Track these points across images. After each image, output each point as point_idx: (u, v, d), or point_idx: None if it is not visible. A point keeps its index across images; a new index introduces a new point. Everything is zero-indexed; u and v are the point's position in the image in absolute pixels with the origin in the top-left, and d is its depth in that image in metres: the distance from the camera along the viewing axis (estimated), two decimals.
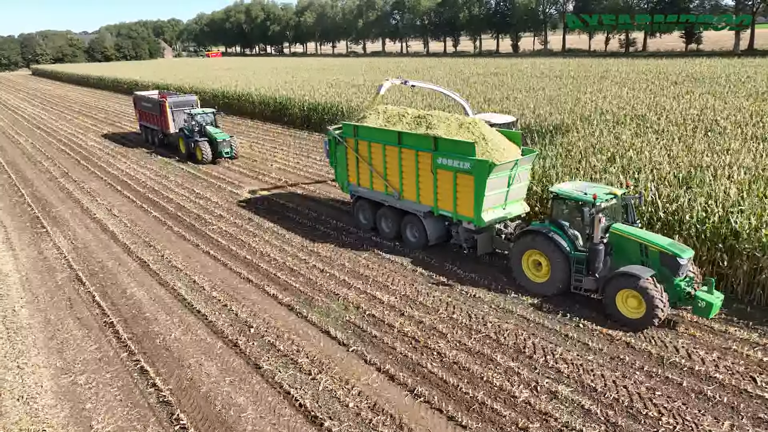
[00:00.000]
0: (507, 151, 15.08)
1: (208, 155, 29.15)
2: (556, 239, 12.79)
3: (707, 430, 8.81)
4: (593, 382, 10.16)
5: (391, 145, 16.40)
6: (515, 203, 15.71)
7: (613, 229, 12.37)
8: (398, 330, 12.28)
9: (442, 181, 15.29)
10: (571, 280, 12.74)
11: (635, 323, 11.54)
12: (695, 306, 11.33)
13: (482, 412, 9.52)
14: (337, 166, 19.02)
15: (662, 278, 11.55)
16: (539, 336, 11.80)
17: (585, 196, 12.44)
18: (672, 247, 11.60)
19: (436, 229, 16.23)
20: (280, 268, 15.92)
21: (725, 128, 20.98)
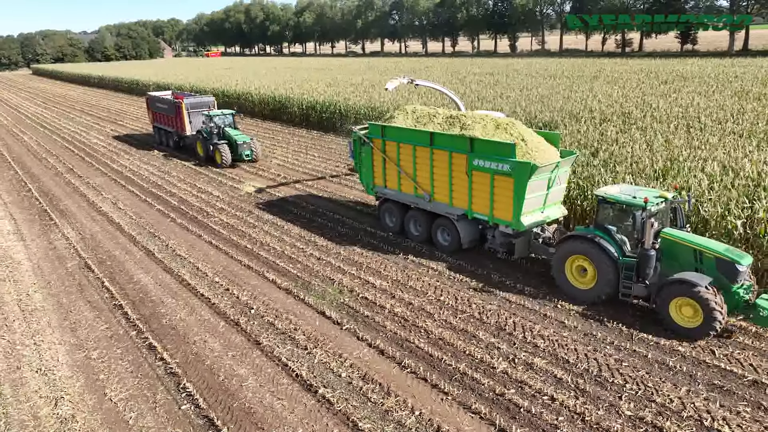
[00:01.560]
0: (547, 153, 14.62)
1: (227, 158, 28.21)
2: (603, 244, 12.28)
3: (666, 395, 9.70)
4: (566, 355, 11.05)
5: (422, 145, 15.94)
6: (554, 206, 15.27)
7: (664, 234, 11.86)
8: (389, 311, 13.17)
9: (477, 184, 14.85)
10: (620, 287, 12.22)
11: (690, 332, 11.05)
12: (756, 314, 10.84)
13: (463, 380, 10.42)
14: (361, 167, 18.67)
15: (720, 286, 11.04)
16: (519, 315, 12.69)
17: (635, 200, 11.90)
18: (729, 253, 11.06)
19: (470, 232, 15.80)
20: (278, 256, 16.80)
21: (705, 125, 21.87)
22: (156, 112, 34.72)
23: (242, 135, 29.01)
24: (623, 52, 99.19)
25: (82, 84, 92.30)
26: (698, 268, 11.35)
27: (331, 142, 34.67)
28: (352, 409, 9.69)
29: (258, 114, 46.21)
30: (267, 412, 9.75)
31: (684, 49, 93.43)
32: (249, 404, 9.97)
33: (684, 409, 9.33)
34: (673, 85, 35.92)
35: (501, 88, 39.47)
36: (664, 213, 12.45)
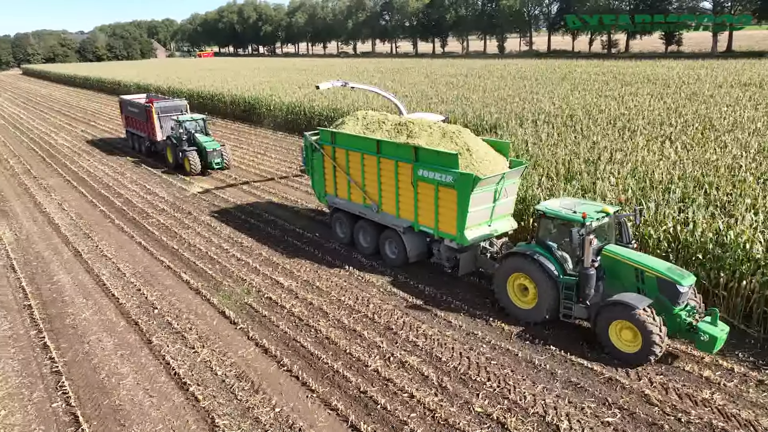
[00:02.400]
0: (493, 163, 13.92)
1: (196, 166, 26.83)
2: (542, 262, 11.57)
3: (521, 392, 10.00)
4: (442, 353, 11.35)
5: (370, 154, 15.22)
6: (502, 219, 14.52)
7: (606, 251, 11.16)
8: (288, 311, 13.46)
9: (423, 195, 14.14)
10: (560, 308, 11.58)
11: (630, 358, 10.38)
12: (697, 339, 10.13)
13: (333, 378, 10.71)
14: (313, 174, 18.01)
15: (661, 307, 10.45)
16: (411, 315, 12.99)
17: (574, 215, 11.17)
18: (671, 273, 10.40)
19: (417, 245, 14.97)
20: (200, 257, 17.09)
21: (637, 127, 22.18)
22: (128, 116, 33.53)
23: (213, 141, 27.57)
24: (609, 53, 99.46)
25: (68, 84, 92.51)
26: (640, 289, 10.71)
27: (293, 143, 34.95)
28: (216, 406, 9.98)
29: (230, 115, 46.51)
30: (134, 409, 10.04)
31: (669, 50, 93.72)
32: (119, 402, 10.26)
33: (534, 405, 9.63)
34: (635, 87, 36.24)
35: (466, 89, 39.77)
36: (609, 228, 11.73)
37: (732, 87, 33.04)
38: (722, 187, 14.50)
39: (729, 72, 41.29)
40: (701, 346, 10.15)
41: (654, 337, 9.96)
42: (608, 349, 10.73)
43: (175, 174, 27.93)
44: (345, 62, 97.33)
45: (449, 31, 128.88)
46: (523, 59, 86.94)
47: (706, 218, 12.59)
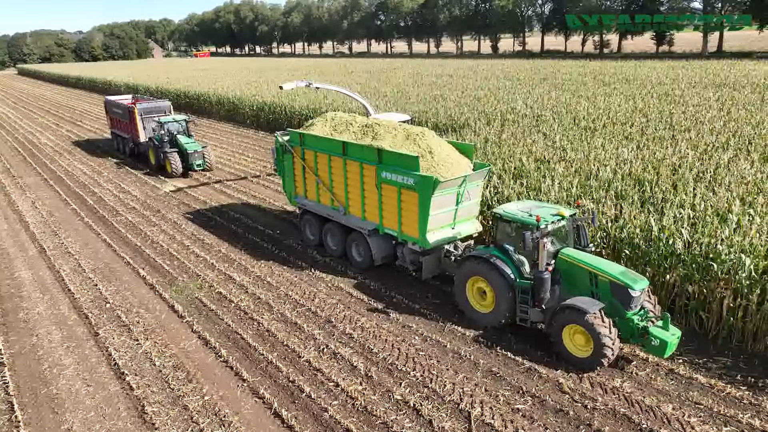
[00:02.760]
0: (455, 166, 13.78)
1: (177, 168, 26.66)
2: (499, 266, 11.51)
3: (442, 381, 10.40)
4: (375, 345, 11.75)
5: (337, 155, 15.22)
6: (466, 222, 14.42)
7: (562, 255, 11.13)
8: (235, 305, 13.86)
9: (386, 197, 14.12)
10: (517, 312, 11.53)
11: (583, 363, 10.33)
12: (648, 344, 10.11)
13: (266, 369, 11.12)
14: (284, 175, 17.95)
15: (614, 311, 10.42)
16: (353, 309, 13.40)
17: (528, 218, 11.12)
18: (623, 277, 10.33)
19: (382, 248, 14.94)
20: (161, 254, 17.48)
21: (602, 126, 22.57)
22: (113, 117, 33.36)
23: (194, 143, 27.43)
24: (601, 53, 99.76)
25: (61, 84, 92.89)
26: (594, 293, 10.69)
27: (272, 143, 35.28)
28: (149, 395, 10.39)
29: (215, 115, 46.90)
30: (70, 397, 10.45)
31: (661, 51, 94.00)
32: (57, 391, 10.66)
33: (452, 393, 10.04)
34: (611, 87, 36.64)
35: (445, 89, 40.13)
36: (567, 232, 11.68)
37: (705, 87, 33.44)
38: (661, 184, 14.88)
39: (707, 73, 41.70)
40: (652, 351, 10.14)
41: (605, 341, 9.86)
42: (562, 353, 10.65)
43: (155, 174, 28.29)
44: (336, 62, 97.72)
45: (443, 31, 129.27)
46: (515, 59, 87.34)
47: (635, 214, 12.97)
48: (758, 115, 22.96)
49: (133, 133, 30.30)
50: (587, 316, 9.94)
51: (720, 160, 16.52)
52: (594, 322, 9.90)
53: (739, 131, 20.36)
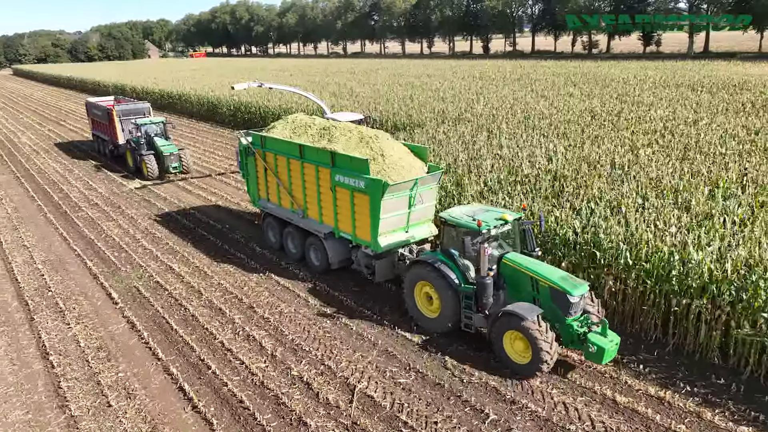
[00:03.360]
0: (407, 169, 13.71)
1: (153, 171, 26.46)
2: (443, 271, 11.44)
3: (337, 358, 11.26)
4: (287, 328, 12.61)
5: (294, 158, 15.21)
6: (420, 225, 14.31)
7: (505, 260, 11.08)
8: (168, 293, 14.72)
9: (341, 201, 14.08)
10: (462, 317, 11.47)
11: (523, 369, 10.28)
12: (586, 350, 10.04)
13: (181, 349, 11.97)
14: (248, 178, 17.83)
15: (554, 317, 10.42)
16: (278, 296, 14.26)
17: (470, 223, 11.03)
18: (563, 283, 10.28)
19: (339, 251, 14.88)
20: (111, 246, 18.34)
21: (547, 125, 23.41)
22: (93, 119, 33.07)
23: (171, 145, 27.15)
24: (589, 53, 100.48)
25: (53, 84, 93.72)
26: (535, 298, 10.69)
27: (235, 141, 36.14)
28: (67, 372, 11.25)
29: (196, 114, 47.77)
30: None
31: (648, 51, 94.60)
32: None
33: (344, 370, 10.89)
34: (578, 87, 37.45)
35: (415, 90, 40.91)
36: (513, 236, 11.72)
37: (664, 87, 34.25)
38: (578, 180, 15.70)
39: (676, 73, 42.49)
40: (590, 357, 10.03)
41: (542, 347, 9.81)
42: (503, 359, 10.60)
43: (119, 172, 29.12)
44: (323, 62, 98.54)
45: (435, 32, 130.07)
46: (504, 60, 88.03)
47: (544, 207, 13.82)
48: (699, 115, 23.78)
49: (112, 135, 30.20)
50: (525, 322, 9.92)
51: (640, 157, 17.34)
52: (531, 328, 9.85)
53: (671, 129, 21.18)
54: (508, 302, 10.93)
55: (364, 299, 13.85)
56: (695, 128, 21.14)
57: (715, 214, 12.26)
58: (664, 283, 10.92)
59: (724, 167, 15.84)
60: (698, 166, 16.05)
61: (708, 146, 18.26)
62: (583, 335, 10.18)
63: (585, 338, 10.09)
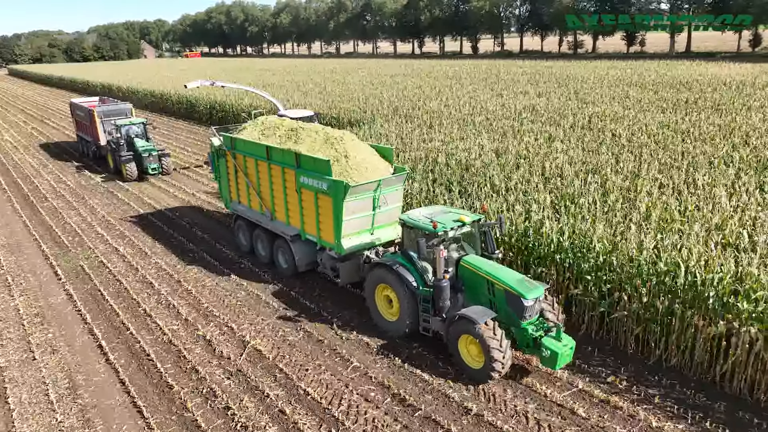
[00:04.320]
0: (371, 170, 13.60)
1: (133, 172, 26.39)
2: (401, 273, 11.32)
3: (243, 321, 12.82)
4: (205, 298, 14.18)
5: (262, 159, 15.14)
6: (387, 227, 14.08)
7: (463, 262, 10.95)
8: (109, 270, 16.30)
9: (306, 202, 14.01)
10: (420, 321, 11.38)
11: (477, 374, 10.14)
12: (540, 355, 9.91)
13: (108, 315, 13.56)
14: (220, 179, 17.87)
15: (509, 321, 10.29)
16: (204, 272, 15.82)
17: (426, 225, 10.91)
18: (518, 286, 10.04)
19: (306, 254, 14.78)
20: (67, 232, 19.92)
21: (481, 122, 24.98)
22: (77, 120, 33.02)
23: (150, 146, 27.07)
24: (575, 53, 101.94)
25: (46, 84, 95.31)
26: (492, 302, 10.55)
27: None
28: (3, 333, 12.81)
29: (175, 113, 49.38)
30: None
31: (632, 51, 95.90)
32: None
33: (243, 330, 12.45)
34: (540, 86, 39.02)
35: (385, 88, 42.51)
36: (473, 238, 11.62)
37: (616, 86, 35.81)
38: (488, 171, 17.23)
39: (636, 73, 44.03)
40: (544, 362, 9.92)
41: (494, 353, 9.63)
42: (459, 364, 10.53)
43: (91, 165, 30.70)
44: (311, 62, 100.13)
45: (425, 32, 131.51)
46: (493, 60, 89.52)
47: (442, 192, 15.41)
48: (628, 111, 25.35)
49: (94, 136, 30.16)
50: (477, 326, 9.77)
51: (554, 151, 18.91)
52: (483, 332, 9.70)
53: (595, 124, 22.75)
54: (467, 305, 10.82)
55: (292, 282, 15.41)
56: (615, 123, 22.69)
57: (577, 195, 13.84)
58: (523, 253, 12.53)
59: (617, 156, 17.40)
60: (598, 156, 17.60)
61: (617, 138, 19.81)
62: (538, 339, 9.99)
63: (539, 342, 9.90)
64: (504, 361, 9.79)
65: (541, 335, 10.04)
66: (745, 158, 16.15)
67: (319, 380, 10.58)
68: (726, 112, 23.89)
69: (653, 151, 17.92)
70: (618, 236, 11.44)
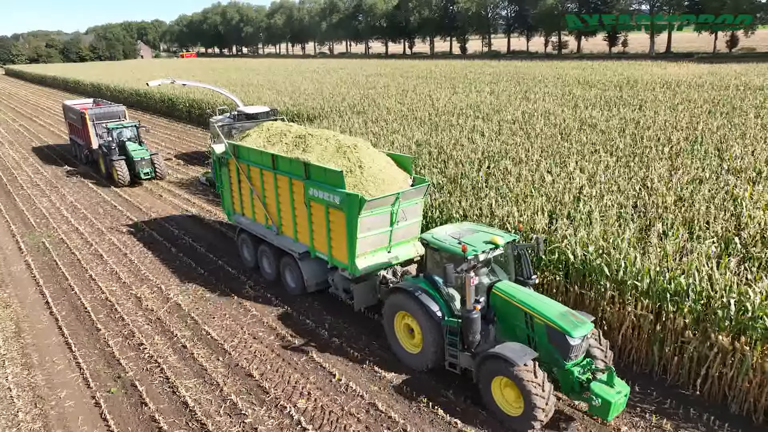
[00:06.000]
0: (389, 182, 12.41)
1: (124, 177, 25.46)
2: (423, 301, 9.98)
3: (171, 280, 14.99)
4: (145, 267, 16.33)
5: (267, 169, 13.91)
6: (405, 244, 12.92)
7: (495, 290, 9.56)
8: (66, 245, 18.48)
9: (315, 217, 12.75)
10: (446, 355, 9.98)
11: (515, 423, 8.83)
12: (590, 403, 8.62)
13: (59, 280, 15.75)
14: (222, 190, 16.62)
15: (551, 361, 8.95)
16: (148, 246, 17.99)
17: (454, 247, 9.51)
18: (562, 321, 8.72)
19: (316, 273, 13.54)
20: (36, 215, 22.12)
21: (423, 117, 27.17)
22: (70, 123, 32.31)
23: (143, 150, 26.34)
24: (559, 54, 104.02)
25: (39, 83, 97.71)
26: (530, 337, 9.16)
27: (188, 134, 39.95)
28: None
29: (158, 111, 51.60)
30: None
31: (615, 51, 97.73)
32: None
33: (167, 287, 14.61)
34: (497, 84, 41.21)
35: (356, 87, 44.69)
36: (506, 261, 10.32)
37: (566, 85, 38.00)
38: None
39: (596, 72, 46.19)
40: (594, 411, 8.67)
41: (535, 399, 8.32)
42: (492, 408, 9.19)
43: (69, 161, 32.89)
44: (297, 62, 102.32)
45: (415, 32, 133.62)
46: (480, 60, 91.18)
47: None
48: (561, 108, 27.52)
49: (86, 140, 29.36)
50: (516, 368, 8.42)
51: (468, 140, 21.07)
52: (523, 376, 8.37)
53: (525, 120, 24.93)
54: (499, 339, 9.55)
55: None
56: (544, 119, 24.86)
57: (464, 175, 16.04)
58: None
59: (523, 145, 19.57)
60: (506, 145, 19.76)
61: (539, 132, 21.95)
62: (586, 383, 8.72)
63: (587, 388, 8.63)
64: (547, 409, 8.47)
65: (589, 378, 8.77)
66: (621, 147, 18.31)
67: (222, 325, 12.78)
68: (645, 109, 26.05)
69: (550, 140, 20.08)
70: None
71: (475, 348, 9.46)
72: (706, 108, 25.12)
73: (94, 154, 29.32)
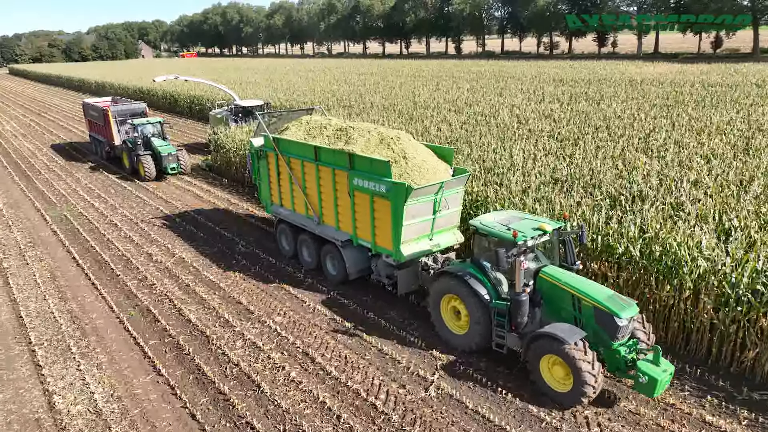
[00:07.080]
0: (432, 172, 12.98)
1: (151, 172, 26.27)
2: (472, 285, 10.54)
3: (184, 247, 17.89)
4: (167, 239, 19.24)
5: (309, 161, 14.38)
6: (446, 232, 13.52)
7: (543, 274, 10.12)
8: (85, 217, 21.40)
9: (359, 206, 13.27)
10: (492, 336, 10.55)
11: (563, 398, 9.35)
12: (636, 381, 9.07)
13: (84, 244, 18.64)
14: (260, 183, 17.21)
15: (598, 341, 9.51)
16: (175, 231, 20.88)
17: (505, 233, 10.04)
18: (609, 303, 9.26)
19: (357, 260, 14.07)
20: (56, 194, 25.07)
21: (402, 109, 30.08)
22: (90, 120, 33.01)
23: (168, 146, 26.93)
24: (551, 54, 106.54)
25: (44, 82, 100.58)
26: (577, 319, 9.72)
27: (186, 127, 42.84)
28: (7, 254, 17.88)
29: (161, 107, 54.48)
30: None
31: (605, 52, 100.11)
32: None
33: (176, 250, 17.50)
34: (477, 81, 44.13)
35: (346, 85, 47.65)
36: (552, 247, 10.83)
37: (541, 83, 40.92)
38: None
39: (579, 72, 49.03)
40: (640, 389, 9.11)
41: (585, 376, 8.85)
42: (541, 387, 9.70)
43: (80, 150, 35.80)
44: (299, 62, 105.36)
45: (411, 33, 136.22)
46: (474, 60, 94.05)
47: None
48: (525, 102, 30.43)
49: (107, 136, 30.02)
50: (566, 346, 8.97)
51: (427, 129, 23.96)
52: (574, 354, 8.89)
53: (491, 113, 27.83)
54: (545, 321, 10.12)
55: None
56: (510, 110, 27.76)
57: None
58: None
59: (479, 133, 22.46)
60: (466, 132, 22.64)
61: (499, 121, 24.83)
62: (632, 362, 9.31)
63: (634, 366, 9.19)
64: (596, 386, 9.02)
65: (634, 357, 9.37)
66: (563, 133, 21.26)
67: (218, 271, 15.70)
68: (602, 103, 28.97)
69: (502, 129, 23.00)
70: None
71: (523, 329, 10.09)
72: (657, 102, 28.07)
73: (115, 150, 30.15)
